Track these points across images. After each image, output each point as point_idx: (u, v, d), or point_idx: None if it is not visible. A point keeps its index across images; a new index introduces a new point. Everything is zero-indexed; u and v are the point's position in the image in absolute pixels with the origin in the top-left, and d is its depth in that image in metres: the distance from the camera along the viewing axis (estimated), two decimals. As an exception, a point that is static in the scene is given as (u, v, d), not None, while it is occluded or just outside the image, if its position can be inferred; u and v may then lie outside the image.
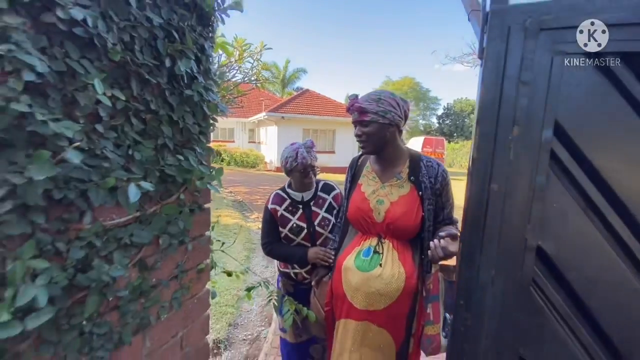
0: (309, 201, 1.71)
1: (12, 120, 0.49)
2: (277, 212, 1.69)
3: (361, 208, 1.35)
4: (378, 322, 1.30)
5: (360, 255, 1.33)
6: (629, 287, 0.69)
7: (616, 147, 0.68)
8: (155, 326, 0.84)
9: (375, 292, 1.26)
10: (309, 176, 1.65)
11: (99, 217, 0.66)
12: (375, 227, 1.33)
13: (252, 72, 7.64)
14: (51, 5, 0.53)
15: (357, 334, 1.32)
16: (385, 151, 1.35)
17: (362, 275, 1.28)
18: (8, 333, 0.49)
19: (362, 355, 1.32)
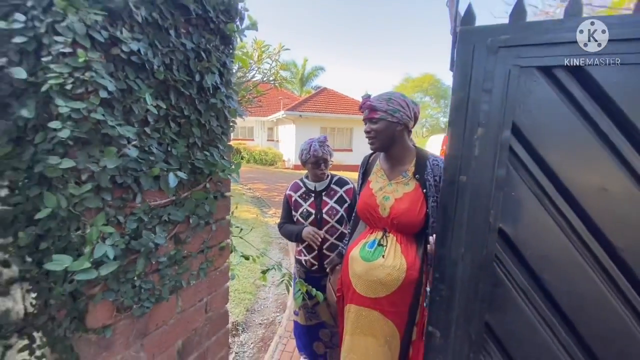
0: (321, 191, 1.91)
1: (91, 125, 0.69)
2: (292, 197, 1.95)
3: (368, 203, 1.44)
4: (381, 309, 1.38)
5: (365, 247, 1.43)
6: (575, 263, 0.82)
7: (563, 144, 0.81)
8: (186, 290, 1.04)
9: (377, 280, 1.35)
10: (321, 167, 1.84)
11: (147, 199, 0.86)
12: (381, 221, 1.41)
13: (271, 72, 7.85)
14: (117, 42, 0.73)
15: (360, 319, 1.42)
16: (393, 150, 1.43)
17: (366, 265, 1.37)
18: (88, 276, 0.70)
19: (367, 340, 1.40)
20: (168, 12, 0.83)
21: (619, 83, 0.75)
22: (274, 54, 7.54)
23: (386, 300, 1.36)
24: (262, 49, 7.09)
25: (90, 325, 0.78)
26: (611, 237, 0.78)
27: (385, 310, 1.37)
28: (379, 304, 1.37)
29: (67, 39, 0.65)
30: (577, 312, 0.83)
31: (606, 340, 0.81)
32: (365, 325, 1.41)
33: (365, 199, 1.47)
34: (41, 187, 0.75)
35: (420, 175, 1.37)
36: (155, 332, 0.95)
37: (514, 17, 0.83)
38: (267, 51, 7.27)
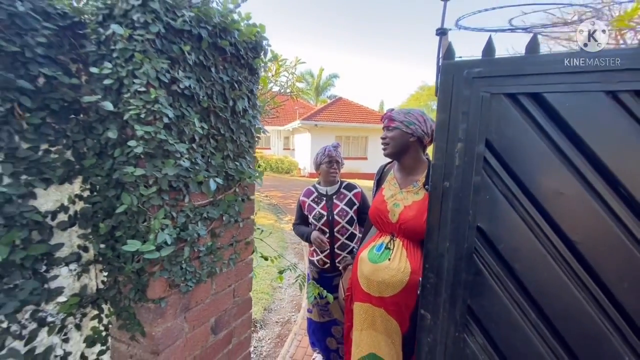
0: (332, 195, 2.11)
1: (157, 143, 0.93)
2: (305, 202, 2.18)
3: (380, 209, 1.56)
4: (385, 308, 1.48)
5: (373, 250, 1.53)
6: (540, 254, 0.99)
7: (527, 156, 0.99)
8: (218, 275, 1.27)
9: (382, 281, 1.44)
10: (333, 167, 2.07)
11: (192, 200, 1.09)
12: (390, 226, 1.51)
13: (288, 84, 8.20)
14: (175, 80, 0.97)
15: (367, 316, 1.54)
16: (405, 160, 1.55)
17: (372, 266, 1.48)
18: (153, 256, 0.93)
19: (373, 334, 1.53)
20: (210, 54, 1.08)
21: (570, 106, 0.93)
22: (290, 67, 7.92)
23: (390, 300, 1.46)
24: (279, 63, 7.49)
25: (150, 296, 1.01)
26: (568, 232, 0.95)
27: (389, 309, 1.48)
28: (383, 303, 1.48)
29: (142, 81, 0.90)
30: (543, 296, 0.99)
31: (567, 318, 0.97)
32: (370, 321, 1.53)
33: (377, 204, 1.59)
34: (116, 190, 0.99)
35: (429, 186, 1.51)
36: (195, 308, 1.17)
37: (485, 54, 1.02)
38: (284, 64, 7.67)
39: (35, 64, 0.88)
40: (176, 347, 1.11)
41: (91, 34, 0.94)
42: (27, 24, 0.86)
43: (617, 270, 0.91)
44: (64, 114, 0.96)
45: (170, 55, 0.95)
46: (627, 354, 0.91)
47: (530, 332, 1.01)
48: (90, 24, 0.94)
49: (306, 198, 2.20)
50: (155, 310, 1.03)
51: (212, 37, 1.06)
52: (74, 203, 1.02)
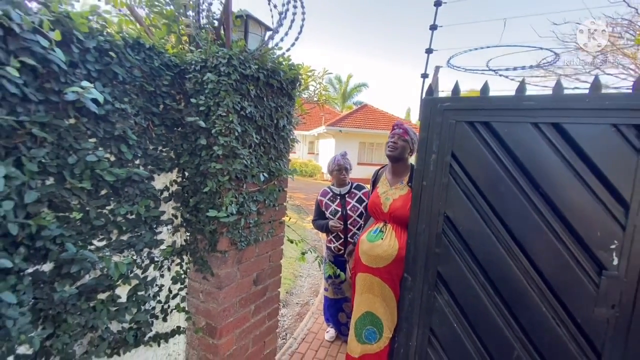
0: (345, 194, 2.58)
1: (230, 149, 1.45)
2: (322, 201, 2.62)
3: (375, 202, 2.01)
4: (380, 276, 1.91)
5: (371, 233, 1.99)
6: (486, 234, 1.41)
7: (479, 164, 1.42)
8: (260, 243, 1.77)
9: (377, 255, 1.89)
10: (343, 174, 2.53)
11: (248, 187, 1.60)
12: (383, 215, 1.96)
13: (315, 93, 8.76)
14: (243, 108, 1.48)
15: (365, 282, 1.98)
16: (398, 165, 2.01)
17: (369, 245, 1.93)
18: (226, 220, 1.44)
19: (370, 296, 1.97)
20: (264, 89, 1.59)
21: (507, 131, 1.35)
22: (318, 77, 8.50)
23: (384, 270, 1.90)
24: (308, 73, 8.08)
25: (219, 249, 1.53)
26: (505, 218, 1.37)
27: (383, 277, 1.91)
28: (378, 272, 1.92)
29: (224, 109, 1.42)
30: (488, 264, 1.41)
31: (504, 279, 1.38)
32: (369, 286, 1.97)
33: (373, 199, 2.05)
34: (201, 178, 1.52)
35: (411, 183, 1.98)
36: (245, 263, 1.68)
37: (453, 93, 1.46)
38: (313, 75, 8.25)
39: (160, 96, 1.43)
40: (231, 287, 1.62)
41: (192, 78, 1.48)
42: (158, 73, 1.40)
43: (536, 244, 1.32)
44: (172, 127, 1.51)
45: (241, 92, 1.47)
46: (543, 304, 1.31)
47: (479, 290, 1.44)
48: (191, 71, 1.48)
49: (323, 197, 2.66)
50: (221, 259, 1.54)
51: (266, 77, 1.57)
52: (172, 185, 1.57)
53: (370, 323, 2.02)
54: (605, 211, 1.20)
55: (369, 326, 2.02)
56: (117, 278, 1.29)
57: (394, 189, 1.98)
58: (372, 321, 2.01)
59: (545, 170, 1.30)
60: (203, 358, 1.65)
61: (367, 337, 2.02)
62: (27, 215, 1.02)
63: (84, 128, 1.16)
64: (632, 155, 1.16)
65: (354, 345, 2.06)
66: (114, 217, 1.30)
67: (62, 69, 1.05)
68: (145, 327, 1.48)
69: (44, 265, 1.10)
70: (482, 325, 1.44)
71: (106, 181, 1.23)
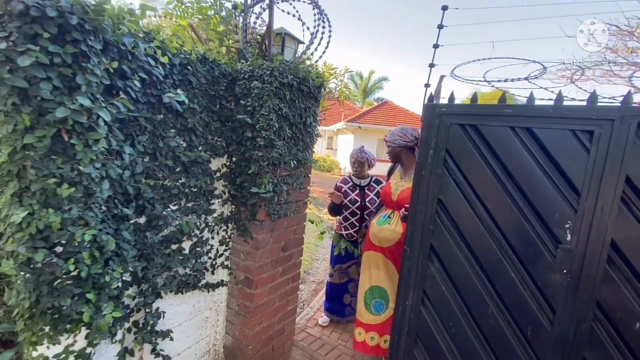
0: (364, 186, 2.91)
1: (269, 140, 1.86)
2: (342, 187, 2.91)
3: (387, 191, 2.41)
4: (386, 255, 2.33)
5: (380, 218, 2.40)
6: (470, 214, 1.76)
7: (468, 158, 1.76)
8: (288, 218, 2.18)
9: (383, 237, 2.30)
10: (356, 167, 2.83)
11: (281, 172, 2.01)
12: (392, 203, 2.35)
13: (336, 89, 9.12)
14: (280, 109, 1.89)
15: (373, 259, 2.39)
16: (401, 161, 2.40)
17: (378, 228, 2.34)
18: (265, 196, 1.86)
19: (377, 273, 2.36)
20: (297, 93, 1.99)
21: (490, 133, 1.69)
22: (340, 75, 8.86)
23: (388, 250, 2.31)
24: (330, 71, 8.46)
25: (257, 218, 1.95)
26: (486, 203, 1.71)
27: (387, 256, 2.32)
28: (384, 251, 2.33)
29: (266, 110, 1.83)
30: (471, 239, 1.76)
31: (483, 251, 1.73)
32: (375, 262, 2.38)
33: (385, 188, 2.45)
34: (246, 162, 1.94)
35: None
36: (276, 232, 2.10)
37: (449, 101, 1.81)
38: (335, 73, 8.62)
39: (217, 98, 1.86)
40: (265, 249, 2.04)
41: (241, 84, 1.89)
42: (217, 80, 1.83)
43: (509, 223, 1.66)
44: (225, 122, 1.93)
45: (279, 96, 1.87)
46: (513, 271, 1.65)
47: (463, 260, 1.79)
48: (241, 79, 1.90)
49: (343, 184, 2.96)
50: (259, 226, 1.97)
51: (299, 84, 1.96)
52: (223, 168, 2.00)
53: (379, 296, 2.39)
54: (562, 198, 1.53)
55: (377, 298, 2.40)
56: (186, 233, 1.74)
57: (404, 182, 2.34)
58: (380, 294, 2.39)
59: (518, 165, 1.63)
60: (241, 304, 2.10)
61: (375, 309, 2.40)
62: (135, 181, 1.47)
63: (169, 122, 1.60)
64: (584, 154, 1.48)
65: (363, 311, 2.44)
66: (184, 189, 1.74)
67: (160, 79, 1.48)
68: (200, 275, 1.94)
69: (141, 218, 1.56)
70: (464, 288, 1.80)
71: (181, 161, 1.67)
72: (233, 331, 2.16)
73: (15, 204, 1.04)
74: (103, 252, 1.24)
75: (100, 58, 1.14)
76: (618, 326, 1.45)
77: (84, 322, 1.20)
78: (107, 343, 1.49)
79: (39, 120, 1.02)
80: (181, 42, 1.70)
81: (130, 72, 1.33)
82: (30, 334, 1.14)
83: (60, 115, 1.01)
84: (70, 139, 1.08)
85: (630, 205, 1.41)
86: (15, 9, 0.93)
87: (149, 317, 1.62)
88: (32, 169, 1.03)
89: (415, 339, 1.97)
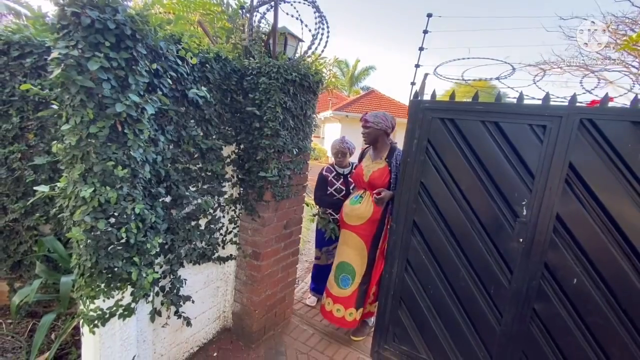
0: (347, 174, 3.17)
1: (275, 131, 2.11)
2: (327, 177, 3.07)
3: (358, 173, 2.57)
4: (356, 232, 2.50)
5: (353, 198, 2.58)
6: (447, 196, 2.09)
7: (446, 147, 2.07)
8: (289, 199, 2.46)
9: (355, 215, 2.49)
10: (344, 156, 3.01)
11: (284, 158, 2.27)
12: (363, 184, 2.52)
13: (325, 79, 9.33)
14: (284, 102, 2.14)
15: (345, 237, 2.59)
16: (377, 145, 2.55)
17: (351, 207, 2.53)
18: (272, 179, 2.13)
19: (347, 250, 2.58)
20: (298, 88, 2.23)
21: (465, 126, 2.00)
22: (328, 65, 9.05)
23: (360, 228, 2.49)
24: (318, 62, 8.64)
25: (264, 199, 2.22)
26: (460, 184, 2.04)
27: (359, 233, 2.50)
28: (355, 229, 2.51)
29: (272, 103, 2.07)
30: (447, 215, 2.09)
31: (457, 225, 2.06)
32: (346, 240, 2.58)
33: (358, 171, 2.60)
34: (254, 149, 2.19)
35: (389, 159, 2.49)
36: (280, 212, 2.38)
37: (431, 97, 2.10)
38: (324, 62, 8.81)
39: (229, 92, 2.09)
40: (270, 227, 2.32)
41: (250, 80, 2.12)
42: (228, 76, 2.05)
43: (477, 201, 1.99)
44: (235, 114, 2.17)
45: (284, 91, 2.12)
46: (480, 241, 2.00)
47: (440, 233, 2.12)
48: (249, 75, 2.13)
49: (328, 174, 3.02)
50: (265, 206, 2.24)
51: (300, 80, 2.21)
52: (232, 154, 2.24)
53: (346, 271, 2.58)
54: (520, 180, 1.87)
55: (344, 274, 2.59)
56: (203, 211, 1.99)
57: (374, 163, 2.54)
58: (347, 269, 2.58)
59: (487, 153, 1.95)
60: (249, 275, 2.38)
61: (342, 283, 2.59)
62: (165, 165, 1.70)
63: (190, 113, 1.83)
64: (538, 144, 1.81)
65: (332, 283, 2.65)
66: (201, 172, 1.98)
67: (184, 76, 1.71)
68: (214, 249, 2.20)
69: (167, 198, 1.80)
70: (441, 257, 2.14)
71: (200, 148, 1.91)
72: (241, 299, 2.45)
73: (81, 182, 1.27)
74: (145, 224, 1.49)
75: (144, 61, 1.36)
76: (560, 282, 1.82)
77: (131, 280, 1.46)
78: (142, 303, 1.75)
79: (99, 114, 1.25)
80: (198, 42, 1.92)
81: (163, 71, 1.56)
82: (89, 290, 1.39)
83: (119, 109, 1.24)
84: (123, 129, 1.31)
85: (572, 185, 1.76)
86: (84, 22, 1.15)
87: (175, 281, 1.88)
88: (94, 153, 1.26)
89: (400, 302, 2.31)
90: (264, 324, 2.49)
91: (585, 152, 1.70)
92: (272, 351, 2.43)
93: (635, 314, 1.66)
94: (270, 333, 2.60)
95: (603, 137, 1.67)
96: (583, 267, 1.75)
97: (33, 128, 2.06)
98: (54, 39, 1.19)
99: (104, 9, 1.19)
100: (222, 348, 2.41)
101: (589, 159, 1.70)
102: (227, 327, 2.58)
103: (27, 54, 1.97)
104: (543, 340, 1.87)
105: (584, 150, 1.71)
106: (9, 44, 1.97)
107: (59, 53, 1.14)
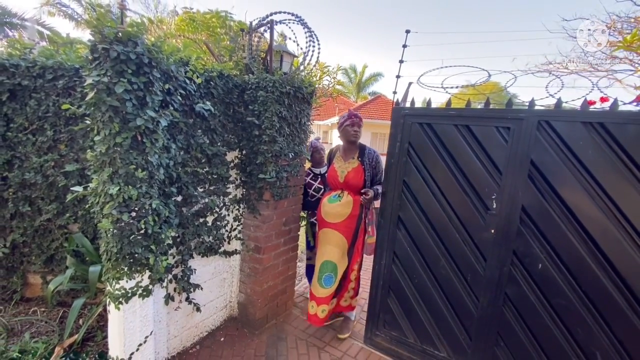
0: (324, 174, 3.38)
1: (272, 137, 2.39)
2: (305, 180, 3.17)
3: (332, 175, 2.72)
4: (337, 229, 2.62)
5: (331, 197, 2.70)
6: (428, 192, 2.32)
7: (424, 148, 2.31)
8: (288, 199, 2.72)
9: (335, 213, 2.63)
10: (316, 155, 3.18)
11: (281, 162, 2.54)
12: (339, 184, 2.67)
13: (329, 87, 9.61)
14: (280, 112, 2.42)
15: (327, 236, 2.68)
16: (356, 143, 2.71)
17: (330, 205, 2.66)
18: (270, 179, 2.40)
19: (330, 249, 2.74)
20: (293, 99, 2.51)
21: (441, 129, 2.23)
22: (332, 72, 9.37)
23: (340, 225, 2.63)
24: (323, 70, 8.96)
25: (264, 199, 2.49)
26: (438, 182, 2.26)
27: (340, 230, 2.63)
28: (336, 226, 2.64)
29: (270, 113, 2.35)
30: (428, 210, 2.32)
31: (436, 219, 2.28)
32: (329, 239, 2.67)
33: (331, 172, 2.74)
34: (254, 154, 2.47)
35: (361, 159, 2.65)
36: (279, 210, 2.65)
37: (411, 104, 2.34)
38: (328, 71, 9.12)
39: (231, 104, 2.38)
40: (270, 223, 2.59)
41: (250, 93, 2.41)
42: (231, 90, 2.35)
43: (454, 196, 2.21)
44: (237, 123, 2.46)
45: (280, 102, 2.39)
46: (457, 232, 2.21)
47: (422, 227, 2.35)
48: (249, 89, 2.41)
49: (307, 177, 3.11)
50: (265, 205, 2.51)
51: (295, 92, 2.48)
52: (235, 159, 2.53)
53: (329, 270, 2.66)
54: (490, 176, 2.08)
55: (328, 272, 2.66)
56: (210, 210, 2.27)
57: (347, 164, 2.68)
58: (330, 268, 2.66)
59: (460, 153, 2.18)
60: (252, 267, 2.65)
61: (325, 283, 2.66)
62: (176, 169, 1.99)
63: (197, 124, 2.12)
64: (504, 144, 2.03)
65: (316, 285, 2.70)
66: (208, 175, 2.27)
67: (192, 93, 2.00)
68: (220, 243, 2.48)
69: (179, 197, 2.09)
70: (423, 248, 2.36)
71: (206, 154, 2.20)
72: (245, 289, 2.72)
73: (109, 182, 1.57)
74: (160, 218, 1.78)
75: (159, 82, 1.66)
76: (527, 268, 2.02)
77: (149, 265, 1.74)
78: (158, 287, 2.03)
79: (123, 127, 1.55)
80: (204, 62, 2.22)
81: (174, 89, 1.85)
82: (115, 272, 1.68)
83: (139, 123, 1.53)
84: (142, 139, 1.60)
85: (535, 180, 1.96)
86: (112, 55, 1.45)
87: (186, 270, 2.16)
88: (119, 159, 1.56)
89: (389, 290, 2.54)
90: (266, 312, 2.75)
91: (544, 150, 1.92)
92: (274, 337, 2.68)
93: (594, 294, 1.85)
94: (272, 322, 2.85)
95: (558, 136, 1.88)
96: (547, 253, 1.95)
97: (64, 140, 2.40)
98: (88, 69, 1.50)
99: (127, 43, 1.49)
100: (229, 334, 2.67)
101: (547, 156, 1.91)
102: (233, 316, 2.84)
103: (59, 76, 2.31)
104: (515, 322, 2.07)
105: (542, 148, 1.92)
106: (44, 68, 2.31)
107: (93, 80, 1.45)
